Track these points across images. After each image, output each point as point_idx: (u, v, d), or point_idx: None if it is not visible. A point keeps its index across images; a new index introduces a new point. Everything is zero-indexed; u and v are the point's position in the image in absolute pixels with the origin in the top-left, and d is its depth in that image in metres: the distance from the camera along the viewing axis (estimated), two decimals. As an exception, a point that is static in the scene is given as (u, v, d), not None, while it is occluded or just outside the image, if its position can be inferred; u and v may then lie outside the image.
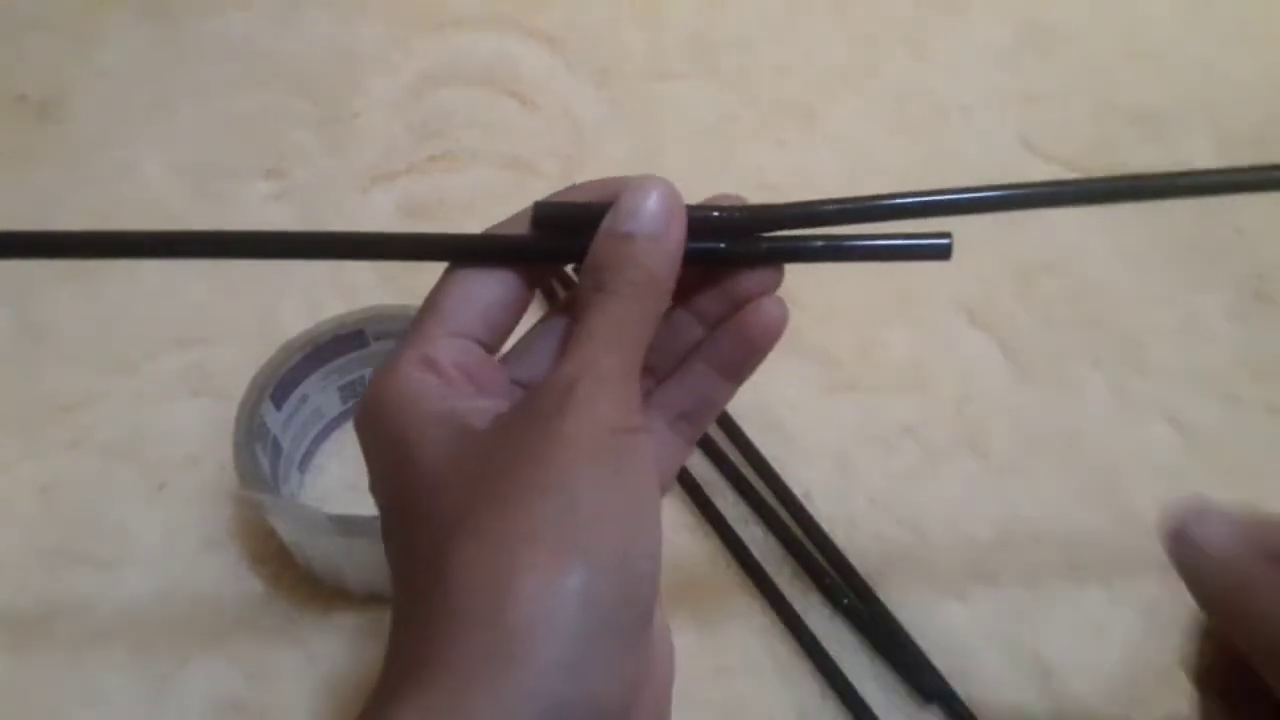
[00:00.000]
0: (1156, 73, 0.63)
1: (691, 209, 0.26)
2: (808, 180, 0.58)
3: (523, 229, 0.27)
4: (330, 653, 0.40)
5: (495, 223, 0.27)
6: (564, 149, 0.59)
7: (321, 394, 0.44)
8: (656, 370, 0.28)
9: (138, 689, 0.39)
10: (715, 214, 0.26)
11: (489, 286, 0.26)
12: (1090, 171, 0.58)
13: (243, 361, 0.42)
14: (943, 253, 0.27)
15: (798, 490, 0.45)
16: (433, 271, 0.53)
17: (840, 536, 0.44)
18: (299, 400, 0.43)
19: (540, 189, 0.64)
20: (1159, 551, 0.45)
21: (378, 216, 0.55)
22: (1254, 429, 0.48)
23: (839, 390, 0.49)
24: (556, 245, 0.26)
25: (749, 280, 0.27)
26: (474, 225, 0.27)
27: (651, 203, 0.25)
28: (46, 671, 0.40)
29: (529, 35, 0.64)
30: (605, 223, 0.25)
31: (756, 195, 0.27)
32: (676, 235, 0.25)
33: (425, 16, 0.65)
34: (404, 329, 0.43)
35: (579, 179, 0.27)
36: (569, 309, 0.26)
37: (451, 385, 0.25)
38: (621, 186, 0.26)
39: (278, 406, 0.42)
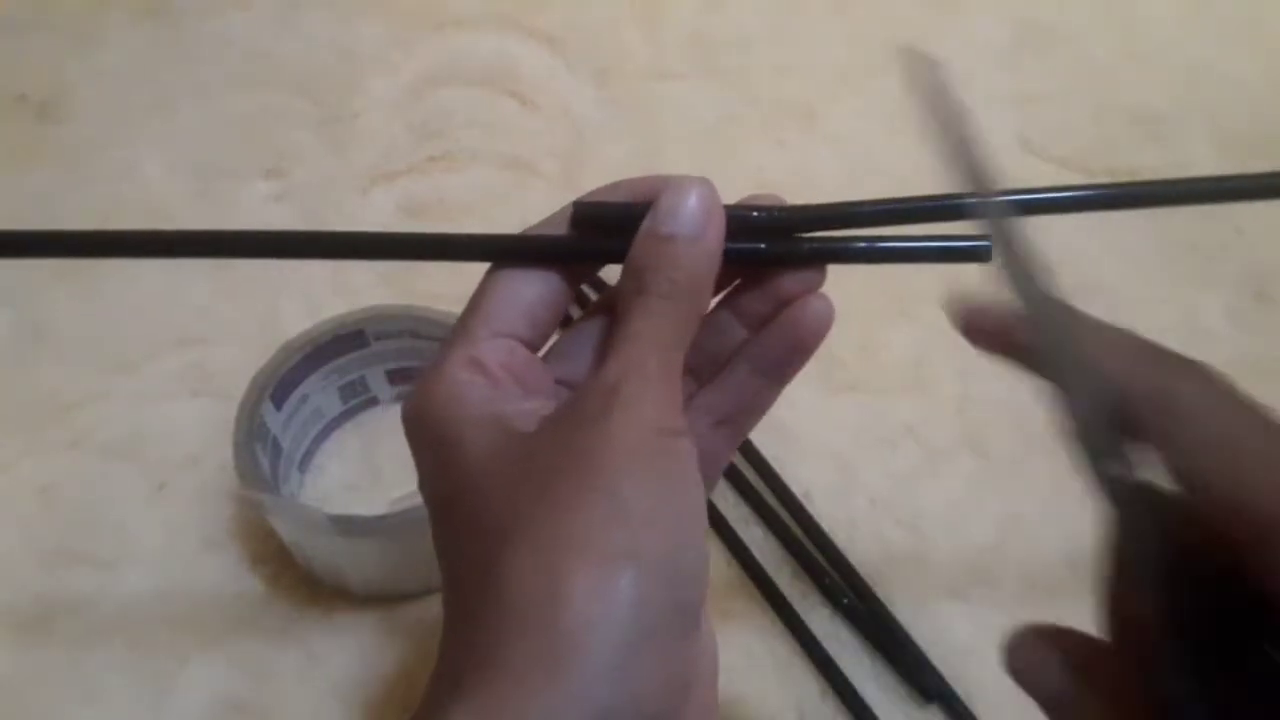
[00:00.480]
0: (1156, 73, 0.63)
1: (730, 209, 0.26)
2: (808, 180, 0.58)
3: (561, 229, 0.26)
4: (331, 653, 0.40)
5: (495, 223, 0.27)
6: (564, 149, 0.59)
7: (321, 394, 0.44)
8: (699, 373, 0.28)
9: (138, 688, 0.39)
10: (754, 214, 0.26)
11: (532, 285, 0.26)
12: (1090, 173, 0.58)
13: (243, 361, 0.42)
14: (983, 254, 0.26)
15: (798, 490, 0.45)
16: (434, 273, 0.53)
17: (840, 537, 0.44)
18: (299, 400, 0.43)
19: (540, 189, 0.64)
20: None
21: (378, 217, 0.55)
22: (1254, 429, 0.48)
23: (840, 390, 0.49)
24: (596, 245, 0.26)
25: (792, 280, 0.27)
26: (474, 225, 0.27)
27: (691, 203, 0.25)
28: (46, 671, 0.40)
29: (529, 35, 0.64)
30: (645, 224, 0.25)
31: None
32: (716, 236, 0.25)
33: (425, 16, 0.65)
34: (404, 329, 0.44)
35: (579, 179, 0.27)
36: (606, 309, 0.26)
37: (498, 386, 0.25)
38: (661, 186, 0.26)
39: (278, 406, 0.42)
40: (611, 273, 0.26)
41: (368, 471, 0.45)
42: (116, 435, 0.46)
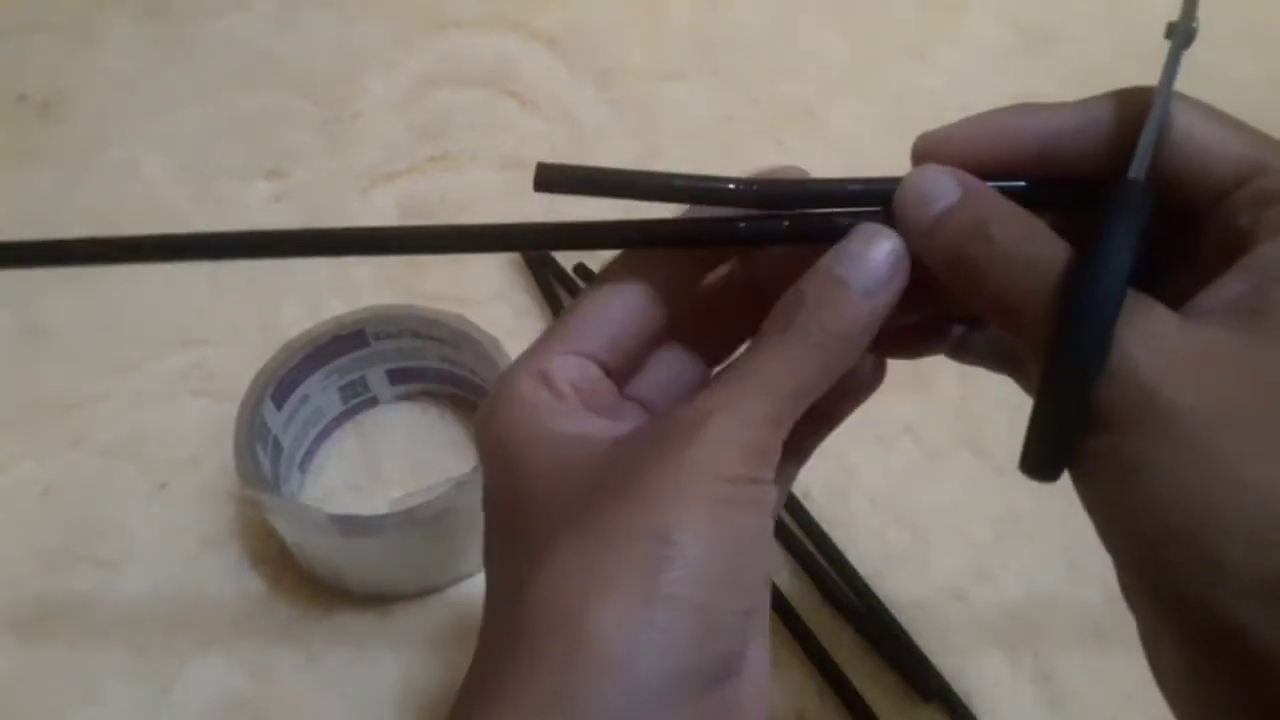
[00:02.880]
0: (1156, 73, 0.63)
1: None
2: (808, 180, 0.58)
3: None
4: (331, 652, 0.40)
5: (496, 223, 0.27)
6: (564, 149, 0.59)
7: (322, 394, 0.44)
8: None
9: (138, 689, 0.39)
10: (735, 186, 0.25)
11: (624, 307, 0.25)
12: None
13: (244, 362, 0.42)
14: None
15: (797, 490, 0.45)
16: (434, 273, 0.52)
17: (840, 536, 0.44)
18: (300, 400, 0.43)
19: (540, 189, 0.63)
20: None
21: (378, 217, 0.55)
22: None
23: (839, 390, 0.49)
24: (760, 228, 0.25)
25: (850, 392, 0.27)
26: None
27: (881, 254, 0.23)
28: (47, 671, 0.40)
29: (529, 35, 0.64)
30: (823, 260, 0.24)
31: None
32: (894, 295, 0.23)
33: (426, 17, 0.65)
34: (404, 329, 0.44)
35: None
36: (696, 324, 0.25)
37: (562, 402, 0.24)
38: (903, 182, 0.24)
39: (278, 406, 0.42)
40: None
41: (368, 471, 0.46)
42: (117, 435, 0.46)
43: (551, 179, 0.25)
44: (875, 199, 0.25)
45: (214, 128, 0.59)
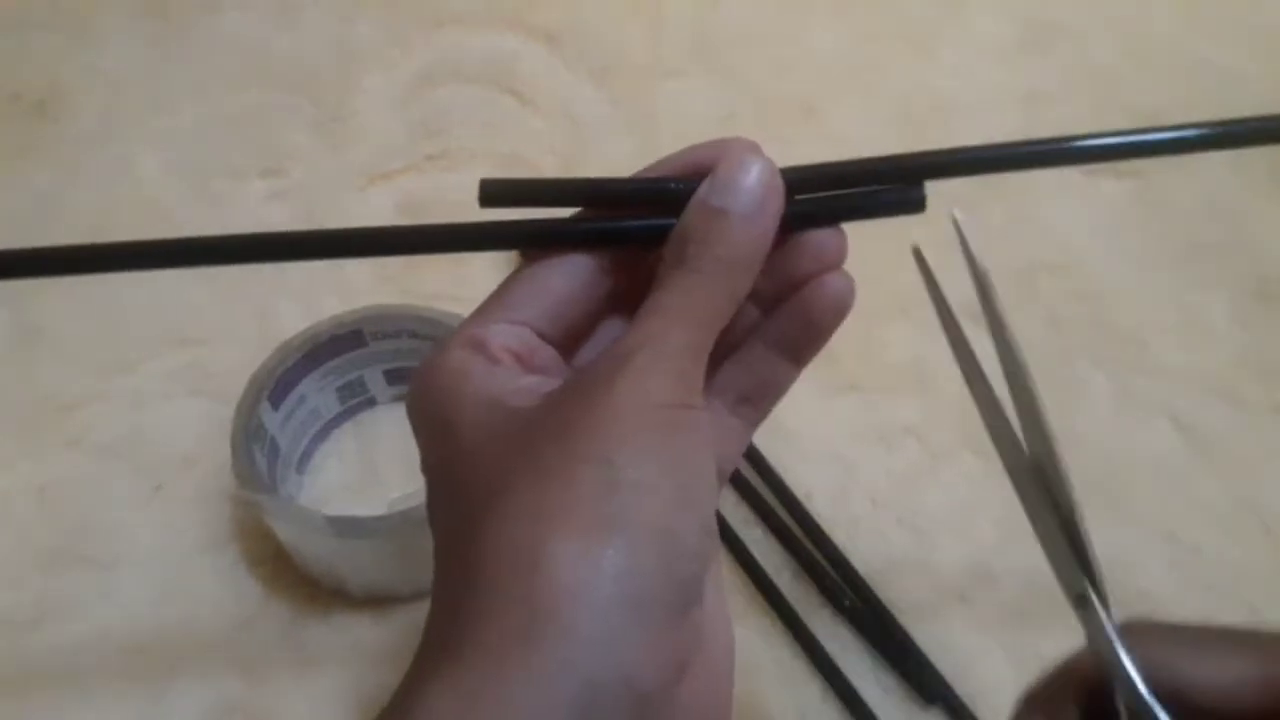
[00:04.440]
0: (1158, 70, 0.63)
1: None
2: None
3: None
4: (328, 653, 0.40)
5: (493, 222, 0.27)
6: (563, 147, 0.59)
7: (319, 394, 0.44)
8: (714, 352, 0.27)
9: (135, 689, 0.39)
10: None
11: (561, 279, 0.25)
12: (1093, 170, 0.58)
13: (241, 362, 0.42)
14: (916, 205, 0.26)
15: (798, 491, 0.45)
16: (432, 272, 0.52)
17: (841, 537, 0.44)
18: (296, 401, 0.43)
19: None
20: (1159, 550, 0.45)
21: (376, 216, 0.55)
22: (1257, 429, 0.48)
23: (840, 390, 0.49)
24: (629, 227, 0.25)
25: (808, 260, 0.26)
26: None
27: (751, 178, 0.24)
28: (43, 672, 0.40)
29: (528, 33, 0.64)
30: (699, 193, 0.24)
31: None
32: (773, 216, 0.24)
33: (424, 14, 0.65)
34: (402, 328, 0.44)
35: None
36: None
37: (497, 365, 0.24)
38: (718, 153, 0.25)
39: (275, 407, 0.42)
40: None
41: (366, 472, 0.45)
42: (114, 436, 0.46)
43: (496, 194, 0.25)
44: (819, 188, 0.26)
45: (211, 126, 0.59)
